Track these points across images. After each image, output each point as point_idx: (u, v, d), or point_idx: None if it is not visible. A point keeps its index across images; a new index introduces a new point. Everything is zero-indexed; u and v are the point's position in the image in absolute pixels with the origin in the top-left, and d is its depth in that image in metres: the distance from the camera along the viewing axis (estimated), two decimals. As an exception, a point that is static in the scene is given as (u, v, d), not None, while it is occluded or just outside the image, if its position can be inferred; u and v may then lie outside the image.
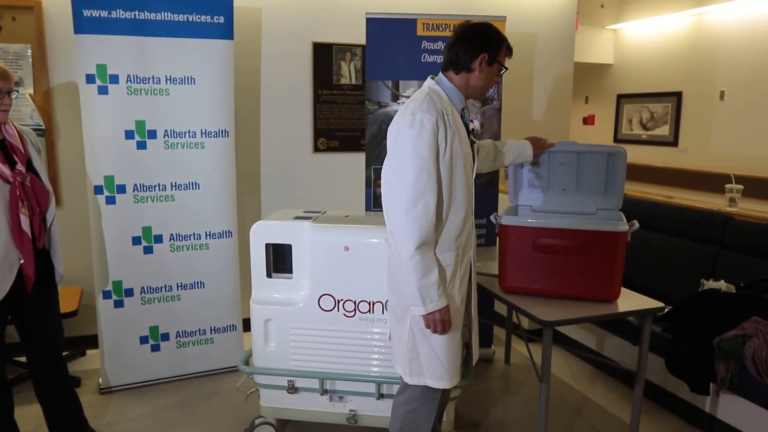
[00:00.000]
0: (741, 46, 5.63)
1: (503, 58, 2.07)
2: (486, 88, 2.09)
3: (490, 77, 2.06)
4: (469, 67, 2.02)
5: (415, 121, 1.84)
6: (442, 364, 2.02)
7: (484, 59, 2.01)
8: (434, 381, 2.04)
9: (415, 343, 2.02)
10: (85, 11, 2.87)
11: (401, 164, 1.86)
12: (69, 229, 3.46)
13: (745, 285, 2.83)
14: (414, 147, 1.84)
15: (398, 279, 2.00)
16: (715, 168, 5.90)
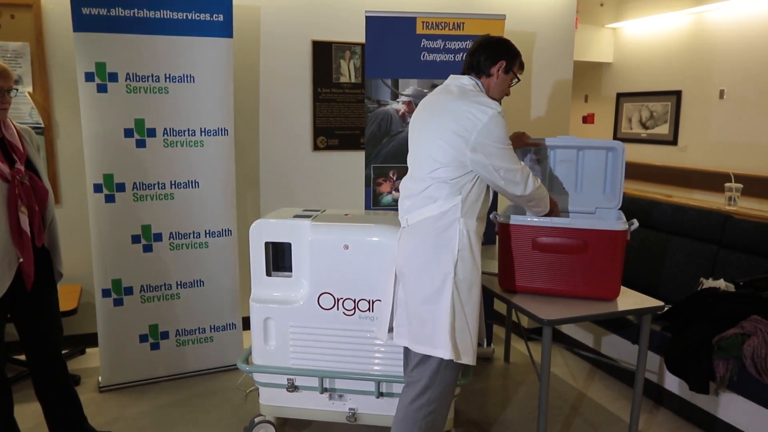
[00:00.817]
0: (740, 44, 5.63)
1: (518, 70, 2.26)
2: (500, 96, 2.25)
3: (505, 86, 2.25)
4: (489, 72, 2.20)
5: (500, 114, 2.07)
6: (471, 338, 2.11)
7: (501, 66, 2.19)
8: (464, 356, 2.10)
9: (455, 317, 2.08)
10: (84, 9, 2.86)
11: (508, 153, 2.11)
12: (68, 228, 3.46)
13: (745, 284, 2.83)
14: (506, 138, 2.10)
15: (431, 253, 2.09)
16: (715, 167, 5.90)
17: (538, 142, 2.72)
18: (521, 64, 2.26)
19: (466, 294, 2.09)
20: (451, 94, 2.16)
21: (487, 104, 2.06)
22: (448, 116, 2.09)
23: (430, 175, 2.11)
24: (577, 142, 2.67)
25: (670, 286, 3.39)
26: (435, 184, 2.11)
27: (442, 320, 2.07)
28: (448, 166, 2.08)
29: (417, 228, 2.15)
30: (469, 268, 2.09)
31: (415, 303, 2.14)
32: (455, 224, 2.08)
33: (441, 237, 2.09)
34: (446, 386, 2.15)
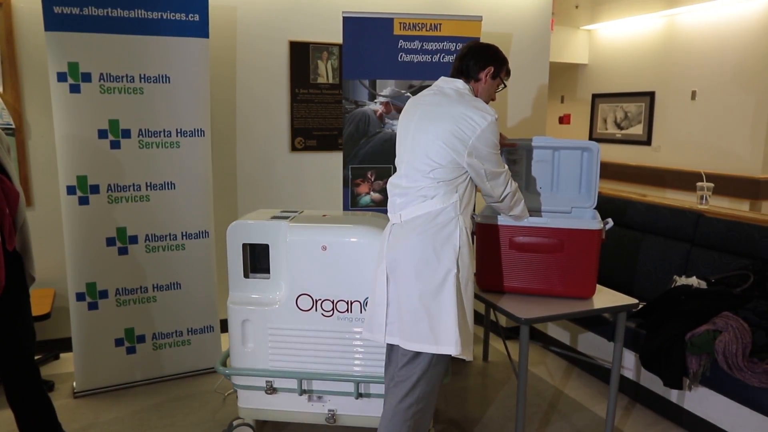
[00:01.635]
0: (711, 47, 5.75)
1: (504, 76, 2.33)
2: (486, 101, 2.26)
3: (491, 91, 2.31)
4: (477, 76, 2.25)
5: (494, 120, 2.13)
6: (469, 332, 2.15)
7: (489, 72, 2.26)
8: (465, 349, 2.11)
9: (457, 310, 2.09)
10: (55, 8, 2.81)
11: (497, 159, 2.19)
12: (41, 231, 3.39)
13: (716, 281, 2.89)
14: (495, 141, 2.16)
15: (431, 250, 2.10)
16: (687, 166, 6.02)
17: (515, 143, 2.74)
18: (508, 71, 2.33)
19: (465, 289, 2.14)
20: (447, 96, 2.18)
21: (486, 110, 2.12)
22: (447, 119, 2.11)
23: (428, 174, 2.13)
24: (553, 142, 2.70)
25: (644, 284, 3.45)
26: (432, 183, 2.13)
27: (448, 316, 2.08)
28: (446, 167, 2.11)
29: (412, 225, 2.14)
30: (467, 263, 2.14)
31: (410, 300, 2.12)
32: (455, 222, 2.12)
33: (441, 234, 2.11)
34: (435, 383, 2.17)
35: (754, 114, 5.39)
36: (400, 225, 2.19)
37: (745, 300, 2.71)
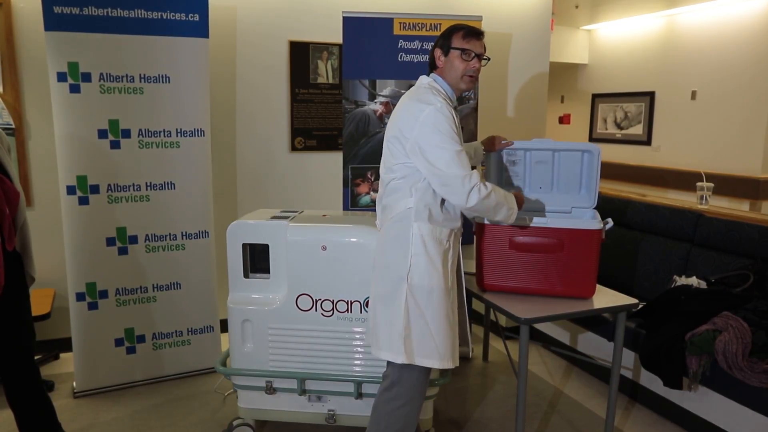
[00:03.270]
0: (711, 47, 5.75)
1: (460, 43, 2.13)
2: (458, 76, 2.15)
3: (455, 65, 2.14)
4: (435, 64, 2.19)
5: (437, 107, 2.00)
6: (435, 342, 2.07)
7: (439, 54, 2.17)
8: (425, 359, 2.08)
9: (409, 320, 2.07)
10: (55, 8, 2.81)
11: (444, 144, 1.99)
12: (41, 231, 3.39)
13: (716, 281, 2.89)
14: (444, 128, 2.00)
15: (387, 256, 2.11)
16: (687, 166, 6.02)
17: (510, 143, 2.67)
18: (464, 33, 2.13)
19: (425, 300, 2.07)
20: (407, 95, 2.17)
21: (426, 101, 2.02)
22: (395, 118, 2.11)
23: (386, 183, 2.15)
24: (554, 145, 2.70)
25: (644, 284, 3.44)
26: (389, 187, 2.14)
27: (395, 325, 2.08)
28: (396, 172, 2.10)
29: (381, 231, 2.20)
30: (425, 273, 2.06)
31: (371, 304, 2.18)
32: (408, 228, 2.07)
33: (396, 241, 2.09)
34: (413, 385, 2.15)
35: (754, 114, 5.39)
36: (378, 233, 2.25)
37: (745, 300, 2.71)
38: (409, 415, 2.16)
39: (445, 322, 2.10)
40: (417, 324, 2.07)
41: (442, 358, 2.09)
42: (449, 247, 2.13)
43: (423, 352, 2.08)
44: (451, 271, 2.15)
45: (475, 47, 2.13)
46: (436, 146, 1.99)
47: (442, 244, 2.10)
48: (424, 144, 2.00)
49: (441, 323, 2.09)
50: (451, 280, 2.15)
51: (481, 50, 2.16)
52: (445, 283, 2.10)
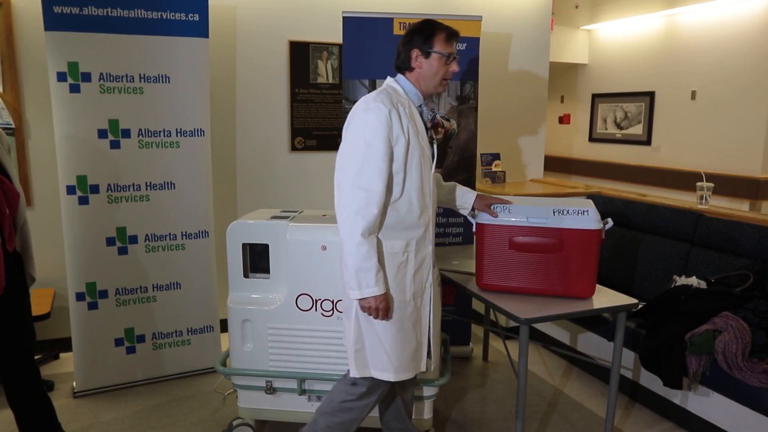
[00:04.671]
0: (711, 47, 5.75)
1: (443, 47, 2.07)
2: (437, 80, 2.10)
3: (436, 69, 2.08)
4: (410, 66, 2.10)
5: (369, 111, 1.94)
6: (387, 355, 2.06)
7: (418, 55, 2.07)
8: (378, 372, 2.08)
9: (361, 333, 2.08)
10: (55, 8, 2.81)
11: (352, 152, 1.95)
12: (41, 231, 3.39)
13: (716, 281, 2.89)
14: (364, 135, 1.93)
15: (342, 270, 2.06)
16: (687, 166, 6.02)
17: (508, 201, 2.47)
18: (447, 36, 2.07)
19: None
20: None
21: (366, 100, 1.98)
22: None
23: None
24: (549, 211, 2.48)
25: (644, 284, 3.45)
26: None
27: (348, 338, 2.10)
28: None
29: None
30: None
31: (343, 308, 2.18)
32: None
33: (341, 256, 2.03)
34: (366, 389, 2.15)
35: (754, 114, 5.39)
36: None
37: (745, 300, 2.71)
38: (355, 411, 2.18)
39: (399, 335, 2.06)
40: (369, 337, 2.07)
41: (396, 371, 2.07)
42: (406, 259, 2.06)
43: (377, 366, 2.08)
44: (412, 282, 2.09)
45: (454, 50, 2.10)
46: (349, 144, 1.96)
47: (396, 256, 2.04)
48: (345, 140, 1.99)
49: (394, 336, 2.06)
50: (413, 292, 2.09)
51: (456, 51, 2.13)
52: (400, 295, 2.05)
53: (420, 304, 2.14)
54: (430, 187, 2.12)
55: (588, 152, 7.39)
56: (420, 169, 2.03)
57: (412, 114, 2.05)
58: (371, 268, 1.93)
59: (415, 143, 2.01)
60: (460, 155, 3.43)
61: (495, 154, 4.44)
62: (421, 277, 2.13)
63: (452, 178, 3.42)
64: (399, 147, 1.97)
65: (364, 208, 1.92)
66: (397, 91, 2.08)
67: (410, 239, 2.06)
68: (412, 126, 2.01)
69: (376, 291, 1.95)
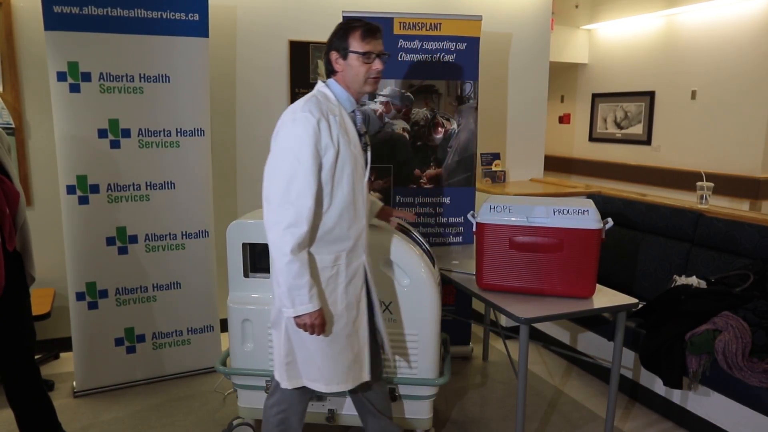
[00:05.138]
0: (711, 46, 5.75)
1: (359, 45, 1.97)
2: (361, 81, 2.01)
3: (356, 69, 1.99)
4: (333, 69, 2.04)
5: (296, 122, 1.89)
6: (318, 366, 2.06)
7: (336, 57, 2.01)
8: (310, 382, 2.09)
9: (291, 346, 2.06)
10: (55, 7, 2.81)
11: (280, 165, 1.89)
12: (41, 230, 3.39)
13: (716, 280, 2.89)
14: (292, 148, 1.87)
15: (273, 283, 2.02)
16: (687, 166, 6.02)
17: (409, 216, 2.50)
18: (362, 33, 1.97)
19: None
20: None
21: (294, 110, 1.93)
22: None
23: None
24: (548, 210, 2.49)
25: (644, 284, 3.45)
26: None
27: (279, 350, 2.08)
28: None
29: None
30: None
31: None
32: None
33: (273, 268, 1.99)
34: (291, 394, 2.15)
35: (755, 114, 5.39)
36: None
37: (745, 300, 2.71)
38: (284, 422, 2.18)
39: (331, 348, 2.04)
40: (300, 349, 2.05)
41: (327, 381, 2.07)
42: (336, 272, 2.01)
43: (309, 376, 2.08)
44: (344, 294, 2.04)
45: (375, 47, 1.98)
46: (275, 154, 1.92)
47: (325, 270, 1.99)
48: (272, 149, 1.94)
49: (326, 349, 2.04)
50: (345, 304, 2.05)
51: (381, 48, 2.01)
52: (331, 308, 2.02)
53: (355, 316, 2.09)
54: (364, 198, 2.06)
55: (588, 152, 7.39)
56: (351, 180, 1.97)
57: (344, 121, 1.99)
58: (304, 285, 1.89)
59: (347, 153, 1.94)
60: (460, 155, 3.43)
61: (495, 153, 4.44)
62: (354, 288, 2.08)
63: (452, 178, 3.43)
64: (328, 157, 1.90)
65: (294, 225, 1.86)
66: (327, 97, 2.02)
67: (340, 252, 2.01)
68: (343, 134, 1.95)
69: (311, 308, 1.91)
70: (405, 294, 2.47)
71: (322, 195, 1.93)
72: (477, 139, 3.48)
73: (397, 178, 3.40)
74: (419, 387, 2.55)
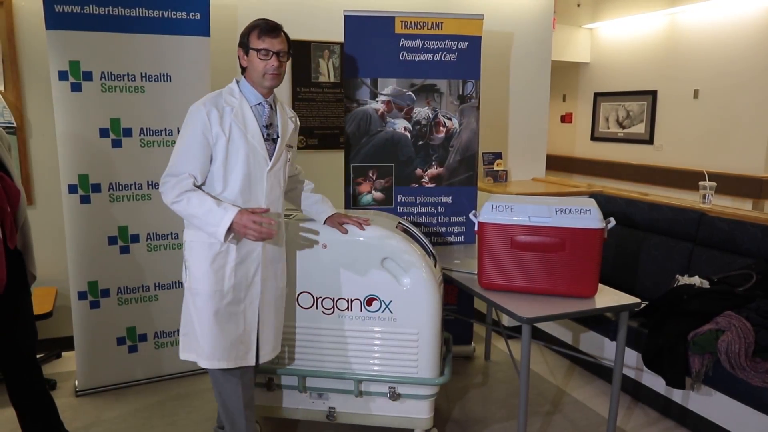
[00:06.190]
0: (714, 45, 5.74)
1: (256, 43, 2.15)
2: (260, 76, 2.16)
3: (255, 65, 2.16)
4: (241, 65, 2.23)
5: (189, 112, 2.13)
6: (199, 342, 2.21)
7: (242, 54, 2.21)
8: (196, 356, 2.24)
9: (189, 316, 2.24)
10: (56, 7, 2.81)
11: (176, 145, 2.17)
12: (43, 229, 3.39)
13: (719, 280, 2.88)
14: (184, 130, 2.13)
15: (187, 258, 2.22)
16: (690, 165, 6.00)
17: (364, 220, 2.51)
18: (259, 32, 2.16)
19: (192, 301, 2.21)
20: None
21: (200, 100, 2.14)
22: None
23: None
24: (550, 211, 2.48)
25: (646, 283, 3.44)
26: None
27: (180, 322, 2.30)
28: None
29: None
30: (192, 277, 2.19)
31: None
32: (186, 235, 2.22)
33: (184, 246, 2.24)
34: (215, 379, 2.28)
35: (758, 113, 5.38)
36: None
37: (748, 299, 2.70)
38: (227, 399, 2.30)
39: (213, 324, 2.17)
40: (189, 323, 2.24)
41: (209, 357, 2.20)
42: (226, 250, 2.15)
43: (196, 351, 2.23)
44: (233, 274, 2.17)
45: (272, 45, 2.14)
46: (179, 137, 2.16)
47: (213, 246, 2.14)
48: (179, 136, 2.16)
49: (204, 325, 2.18)
50: (233, 284, 2.18)
51: (280, 47, 2.17)
52: (216, 284, 2.16)
53: (243, 297, 2.22)
54: (264, 186, 2.21)
55: (590, 151, 7.38)
56: (246, 167, 2.14)
57: (242, 113, 2.15)
58: (208, 205, 2.07)
59: (240, 142, 2.12)
60: (461, 154, 3.42)
61: (497, 153, 4.44)
62: (246, 271, 2.20)
63: (454, 177, 3.42)
64: (220, 145, 2.11)
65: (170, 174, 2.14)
66: (231, 91, 2.19)
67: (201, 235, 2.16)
68: (239, 125, 2.12)
69: (231, 214, 2.06)
70: (406, 293, 2.46)
71: (214, 179, 2.14)
72: (479, 139, 3.47)
73: (399, 178, 3.39)
74: (420, 386, 2.55)
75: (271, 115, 2.25)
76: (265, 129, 2.21)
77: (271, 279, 2.29)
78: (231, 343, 2.20)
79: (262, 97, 2.22)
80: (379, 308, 2.49)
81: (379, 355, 2.52)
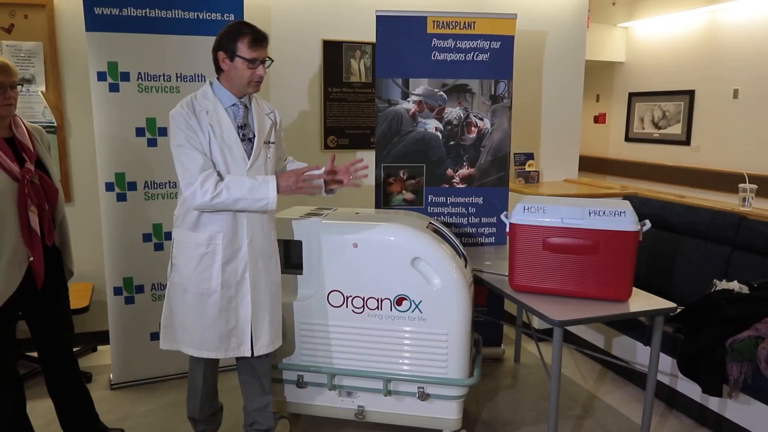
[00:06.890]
0: (754, 44, 5.57)
1: (247, 52, 2.12)
2: (245, 83, 2.17)
3: (241, 73, 2.14)
4: (220, 67, 2.18)
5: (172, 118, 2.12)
6: (189, 333, 2.26)
7: (224, 57, 2.14)
8: (183, 346, 2.28)
9: (171, 311, 2.30)
10: (96, 9, 2.88)
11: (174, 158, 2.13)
12: (80, 226, 3.48)
13: (759, 285, 2.80)
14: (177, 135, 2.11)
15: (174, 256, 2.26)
16: (729, 167, 5.84)
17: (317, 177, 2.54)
18: (251, 41, 2.12)
19: (180, 297, 2.25)
20: None
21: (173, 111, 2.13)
22: None
23: None
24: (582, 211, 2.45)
25: (682, 288, 3.36)
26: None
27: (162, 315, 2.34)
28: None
29: None
30: (182, 274, 2.22)
31: None
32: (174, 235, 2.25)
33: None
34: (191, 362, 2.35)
35: (800, 113, 5.20)
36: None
37: (790, 306, 2.62)
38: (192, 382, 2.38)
39: (200, 318, 2.22)
40: (177, 315, 2.28)
41: (198, 347, 2.25)
42: (212, 250, 2.17)
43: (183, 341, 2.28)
44: (221, 272, 2.19)
45: (261, 54, 2.15)
46: (173, 146, 2.12)
47: (199, 247, 2.17)
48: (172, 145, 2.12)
49: (196, 318, 2.23)
50: (221, 280, 2.20)
51: (266, 54, 2.19)
52: (204, 283, 2.19)
53: (233, 294, 2.23)
54: None
55: (624, 152, 7.24)
56: (225, 167, 2.15)
57: (216, 115, 2.14)
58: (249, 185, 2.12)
59: (218, 143, 2.13)
60: (493, 155, 3.40)
61: (529, 153, 4.39)
62: (234, 269, 2.22)
63: (485, 178, 3.39)
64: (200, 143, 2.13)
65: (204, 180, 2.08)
66: (205, 94, 2.18)
67: (215, 233, 2.17)
68: (215, 127, 2.13)
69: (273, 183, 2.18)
70: (436, 294, 2.45)
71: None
72: (510, 139, 3.44)
73: (430, 178, 3.38)
74: (449, 387, 2.53)
75: (246, 114, 2.24)
76: (240, 130, 2.21)
77: (262, 275, 2.29)
78: (220, 337, 2.24)
79: (236, 98, 2.21)
80: (409, 308, 2.49)
81: (409, 355, 2.52)
